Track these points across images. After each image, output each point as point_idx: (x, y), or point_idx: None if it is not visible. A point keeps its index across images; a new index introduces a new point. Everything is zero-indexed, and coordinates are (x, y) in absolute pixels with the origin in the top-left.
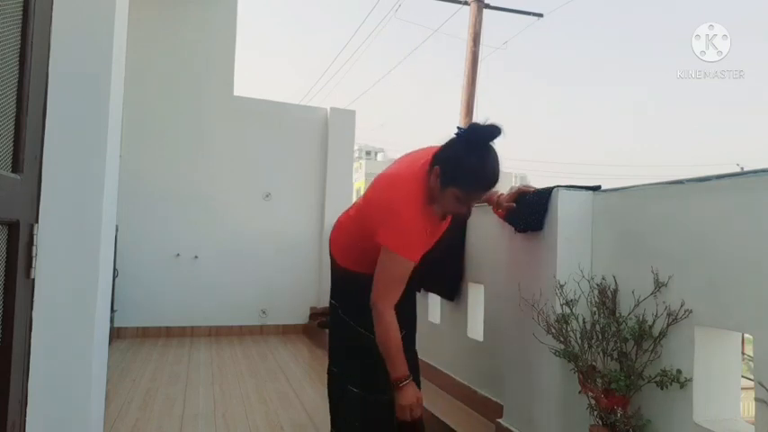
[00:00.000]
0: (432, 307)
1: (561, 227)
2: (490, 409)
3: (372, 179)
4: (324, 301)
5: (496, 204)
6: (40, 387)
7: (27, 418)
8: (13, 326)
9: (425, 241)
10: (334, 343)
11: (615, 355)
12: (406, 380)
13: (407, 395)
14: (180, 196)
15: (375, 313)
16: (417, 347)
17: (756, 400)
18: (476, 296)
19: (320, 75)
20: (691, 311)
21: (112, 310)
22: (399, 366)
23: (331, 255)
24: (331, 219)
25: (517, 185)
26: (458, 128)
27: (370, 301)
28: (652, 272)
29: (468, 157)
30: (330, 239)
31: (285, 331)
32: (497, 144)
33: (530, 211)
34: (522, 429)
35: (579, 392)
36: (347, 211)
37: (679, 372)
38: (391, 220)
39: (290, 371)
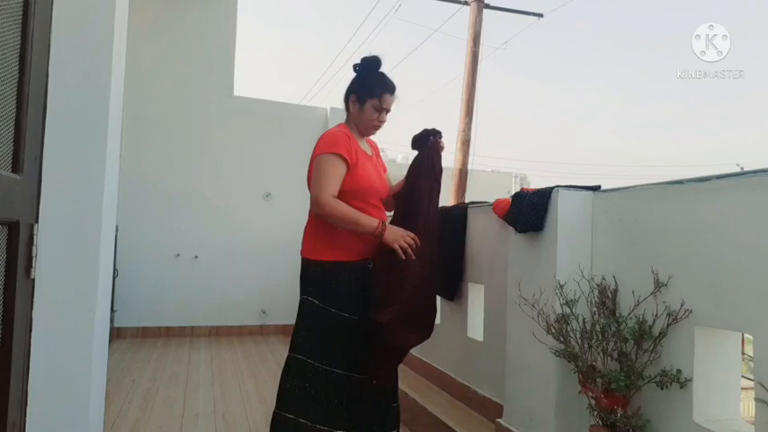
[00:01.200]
0: None
1: (561, 227)
2: (490, 409)
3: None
4: None
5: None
6: (40, 387)
7: (27, 418)
8: (13, 326)
9: (348, 144)
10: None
11: (615, 355)
12: (380, 226)
13: (390, 236)
14: (180, 196)
15: (319, 206)
16: (417, 347)
17: (756, 400)
18: (476, 296)
19: (320, 74)
20: (691, 311)
21: (112, 310)
22: (366, 222)
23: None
24: None
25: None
26: (354, 65)
27: (312, 201)
28: (652, 272)
29: (370, 75)
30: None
31: (285, 331)
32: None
33: (530, 211)
34: (522, 429)
35: (579, 392)
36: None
37: (679, 372)
38: (319, 142)
39: None
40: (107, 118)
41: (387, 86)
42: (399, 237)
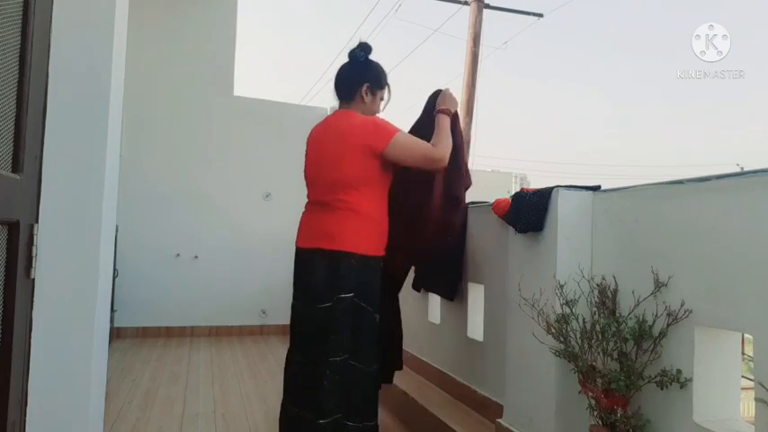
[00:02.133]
0: (432, 307)
1: (561, 227)
2: (490, 409)
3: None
4: None
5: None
6: (40, 387)
7: (27, 418)
8: (13, 326)
9: None
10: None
11: (615, 355)
12: (447, 116)
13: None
14: (180, 196)
15: (441, 158)
16: (417, 347)
17: (756, 400)
18: (476, 296)
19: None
20: (691, 311)
21: (112, 310)
22: (447, 133)
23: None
24: None
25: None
26: (350, 52)
27: (437, 166)
28: (652, 272)
29: (375, 65)
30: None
31: (285, 331)
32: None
33: (530, 211)
34: (522, 429)
35: (579, 392)
36: (307, 208)
37: (679, 372)
38: (371, 131)
39: None
40: (107, 118)
41: (387, 78)
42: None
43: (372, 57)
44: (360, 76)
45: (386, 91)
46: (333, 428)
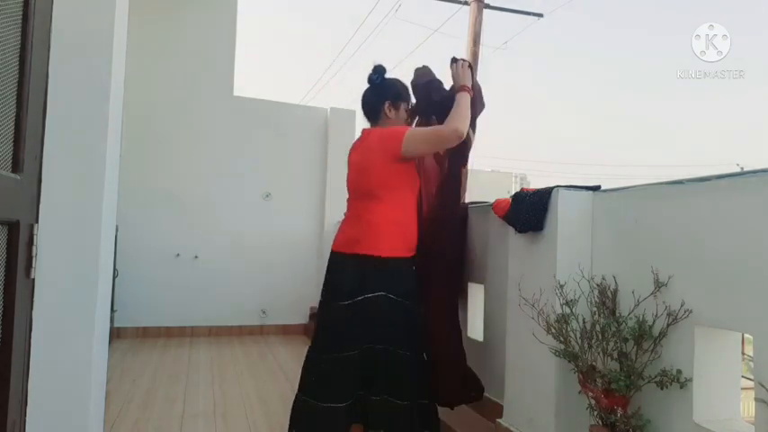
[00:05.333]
0: None
1: (561, 227)
2: (490, 409)
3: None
4: None
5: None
6: (40, 387)
7: (27, 418)
8: (13, 326)
9: None
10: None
11: (615, 355)
12: (467, 91)
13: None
14: (180, 196)
15: (459, 134)
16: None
17: (756, 400)
18: (476, 296)
19: (320, 74)
20: (691, 311)
21: (112, 310)
22: (466, 106)
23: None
24: (331, 219)
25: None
26: (368, 78)
27: (455, 141)
28: (652, 272)
29: (392, 82)
30: (348, 243)
31: (285, 331)
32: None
33: (530, 211)
34: (522, 429)
35: (579, 392)
36: (344, 216)
37: (679, 372)
38: (388, 138)
39: (290, 371)
40: (107, 118)
41: (408, 89)
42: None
43: (374, 59)
44: (380, 97)
45: (408, 102)
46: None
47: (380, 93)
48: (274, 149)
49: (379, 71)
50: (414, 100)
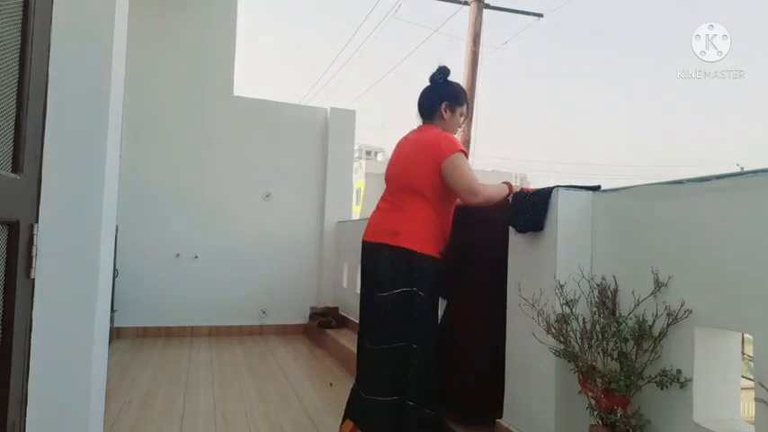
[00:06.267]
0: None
1: (561, 227)
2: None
3: (393, 154)
4: (323, 300)
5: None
6: (40, 387)
7: (27, 418)
8: (13, 326)
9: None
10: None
11: (615, 355)
12: (510, 190)
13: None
14: (180, 196)
15: (476, 193)
16: None
17: (756, 400)
18: None
19: (320, 75)
20: (691, 311)
21: (112, 310)
22: (502, 193)
23: (388, 244)
24: (331, 218)
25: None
26: (431, 77)
27: (465, 191)
28: (652, 272)
29: (453, 85)
30: (378, 232)
31: (285, 331)
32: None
33: (530, 211)
34: (522, 429)
35: (579, 392)
36: (379, 206)
37: (679, 372)
38: (444, 144)
39: (290, 371)
40: (107, 118)
41: (466, 96)
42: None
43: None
44: (439, 96)
45: (465, 107)
46: (389, 407)
47: (440, 93)
48: (274, 149)
49: (443, 71)
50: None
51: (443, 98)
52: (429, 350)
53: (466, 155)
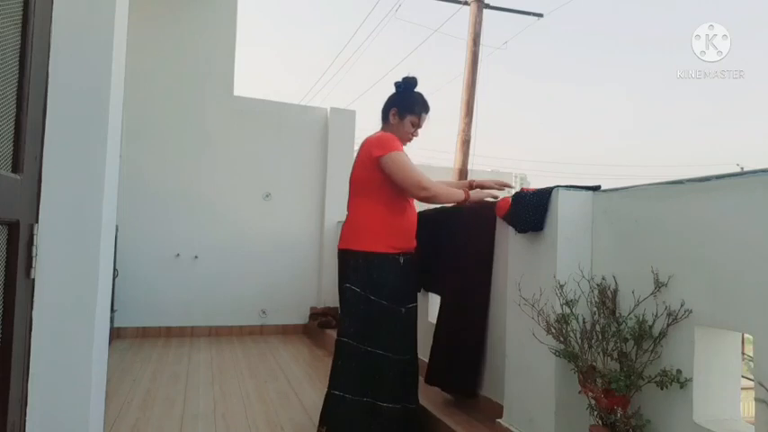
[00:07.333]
0: (432, 307)
1: (561, 227)
2: (490, 409)
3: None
4: (324, 300)
5: (478, 186)
6: (40, 387)
7: (27, 418)
8: (13, 326)
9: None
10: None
11: (615, 355)
12: (466, 196)
13: (477, 197)
14: (180, 196)
15: (425, 188)
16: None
17: (756, 400)
18: None
19: (320, 75)
20: (691, 311)
21: (112, 310)
22: (456, 195)
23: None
24: (331, 218)
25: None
26: (395, 82)
27: (413, 187)
28: (652, 272)
29: (412, 94)
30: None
31: (285, 331)
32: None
33: (530, 211)
34: (522, 429)
35: (579, 392)
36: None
37: (679, 372)
38: (375, 142)
39: (290, 371)
40: (107, 118)
41: (425, 107)
42: (486, 197)
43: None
44: (392, 102)
45: (420, 117)
46: (358, 406)
47: (394, 99)
48: (274, 149)
49: (406, 81)
50: (425, 118)
51: (395, 104)
52: (360, 341)
53: (400, 148)
